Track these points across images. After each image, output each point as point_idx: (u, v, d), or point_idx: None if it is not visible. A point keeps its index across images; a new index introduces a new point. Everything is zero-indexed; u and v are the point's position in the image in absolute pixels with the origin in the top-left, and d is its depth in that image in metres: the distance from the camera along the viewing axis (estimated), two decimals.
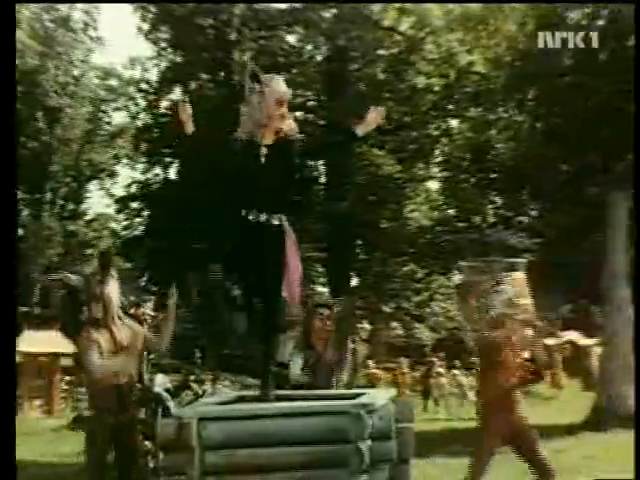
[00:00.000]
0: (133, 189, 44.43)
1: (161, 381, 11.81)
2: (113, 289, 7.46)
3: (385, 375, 33.53)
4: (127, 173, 49.22)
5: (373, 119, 6.42)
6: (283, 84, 6.35)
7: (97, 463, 7.39)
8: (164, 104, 41.90)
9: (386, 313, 42.69)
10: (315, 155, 9.71)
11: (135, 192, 44.12)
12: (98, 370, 7.23)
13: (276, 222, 6.22)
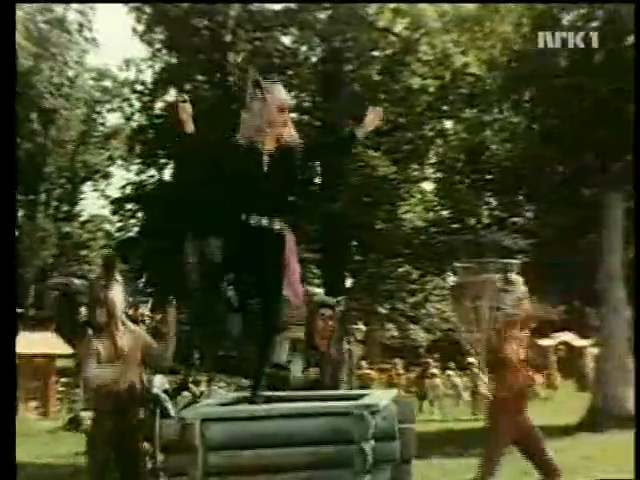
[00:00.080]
0: (128, 190, 44.36)
1: (159, 382, 11.76)
2: (117, 294, 7.40)
3: (379, 376, 33.55)
4: (121, 174, 49.20)
5: (371, 120, 6.45)
6: (284, 91, 6.37)
7: (98, 465, 7.39)
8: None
9: (381, 314, 42.71)
10: (314, 156, 9.72)
11: (130, 193, 44.02)
12: (94, 381, 7.25)
13: (277, 227, 6.23)
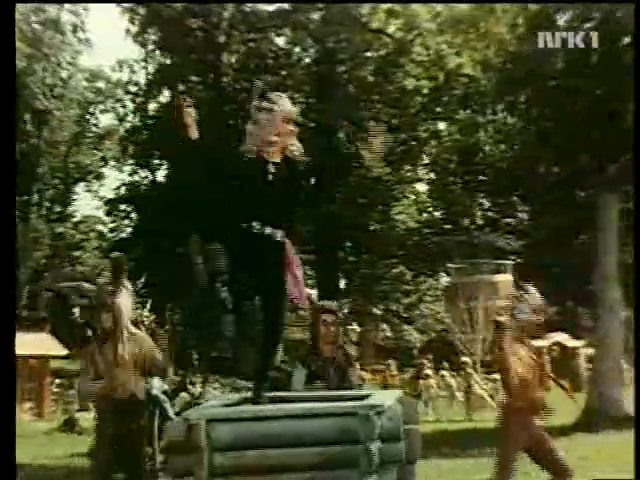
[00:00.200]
0: (122, 191, 44.26)
1: (158, 384, 11.79)
2: (125, 300, 7.33)
3: (372, 377, 33.51)
4: (114, 175, 49.16)
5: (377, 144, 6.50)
6: (289, 103, 6.36)
7: (101, 466, 7.39)
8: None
9: (375, 315, 42.73)
10: (316, 174, 9.67)
11: (124, 194, 43.93)
12: (85, 395, 7.25)
13: (279, 237, 6.21)
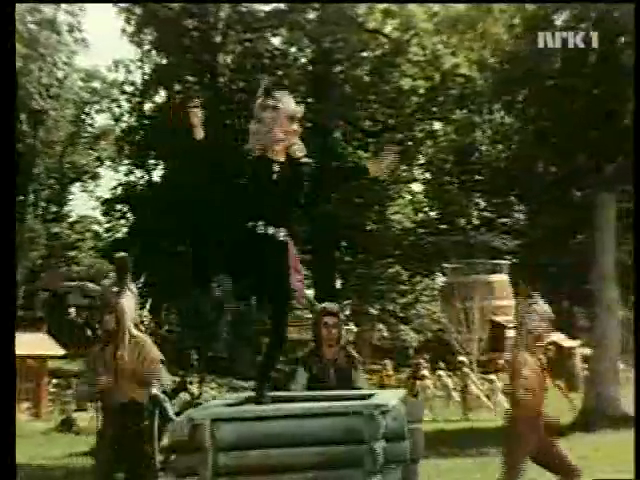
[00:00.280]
0: (119, 191, 44.21)
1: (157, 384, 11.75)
2: (128, 302, 7.29)
3: (369, 377, 33.46)
4: (110, 175, 49.20)
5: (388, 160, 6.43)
6: (294, 102, 6.31)
7: (103, 466, 7.39)
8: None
9: (372, 315, 42.73)
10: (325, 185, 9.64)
11: (121, 194, 43.87)
12: (82, 397, 7.26)
13: (282, 236, 6.19)
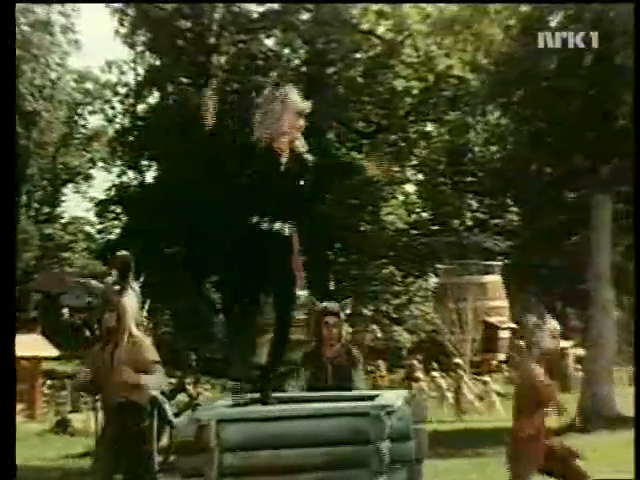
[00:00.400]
0: (113, 192, 44.16)
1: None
2: (130, 301, 7.25)
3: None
4: (103, 177, 49.17)
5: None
6: (300, 98, 6.28)
7: (102, 467, 7.37)
8: None
9: (365, 316, 42.68)
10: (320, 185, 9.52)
11: (115, 195, 43.83)
12: (77, 387, 7.23)
13: (287, 231, 6.16)
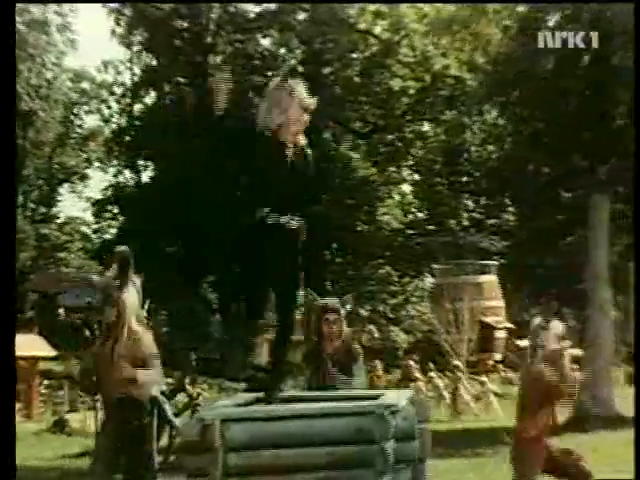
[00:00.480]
0: (109, 192, 44.14)
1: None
2: (130, 296, 7.21)
3: None
4: (99, 176, 49.16)
5: None
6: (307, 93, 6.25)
7: (102, 467, 7.35)
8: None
9: (362, 316, 42.66)
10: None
11: (111, 195, 43.80)
12: (85, 375, 7.23)
13: (294, 224, 6.13)
